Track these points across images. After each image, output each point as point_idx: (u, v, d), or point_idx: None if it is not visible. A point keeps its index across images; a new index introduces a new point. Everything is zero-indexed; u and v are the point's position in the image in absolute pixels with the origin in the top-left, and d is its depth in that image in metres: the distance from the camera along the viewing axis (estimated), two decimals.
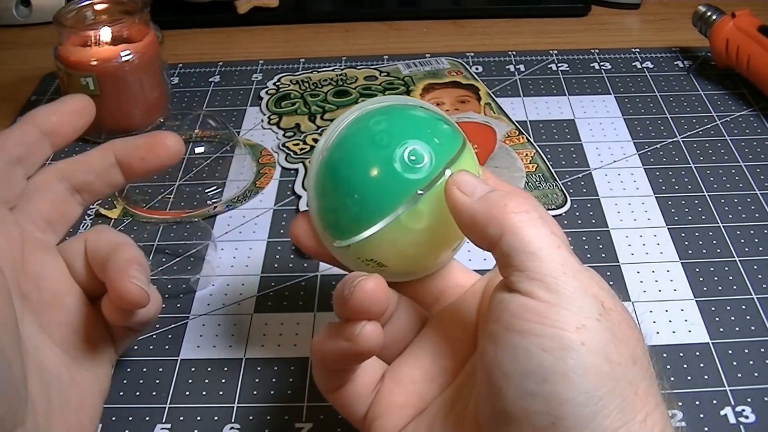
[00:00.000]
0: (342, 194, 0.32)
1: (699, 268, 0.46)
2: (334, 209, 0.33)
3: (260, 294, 0.46)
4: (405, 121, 0.33)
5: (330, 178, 0.33)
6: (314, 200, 0.34)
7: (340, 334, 0.30)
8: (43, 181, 0.38)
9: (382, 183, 0.31)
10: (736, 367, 0.40)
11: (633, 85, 0.63)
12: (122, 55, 0.56)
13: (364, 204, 0.32)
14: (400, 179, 0.31)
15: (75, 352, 0.36)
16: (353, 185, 0.32)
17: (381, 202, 0.31)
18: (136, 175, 0.39)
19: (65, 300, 0.36)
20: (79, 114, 0.39)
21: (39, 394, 0.33)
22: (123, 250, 0.36)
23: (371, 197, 0.31)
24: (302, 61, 0.68)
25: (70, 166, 0.39)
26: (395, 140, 0.32)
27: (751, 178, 0.53)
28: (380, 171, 0.31)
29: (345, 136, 0.33)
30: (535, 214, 0.29)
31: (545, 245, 0.28)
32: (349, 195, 0.32)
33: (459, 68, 0.66)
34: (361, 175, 0.32)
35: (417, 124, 0.33)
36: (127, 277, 0.35)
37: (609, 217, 0.50)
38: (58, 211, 0.38)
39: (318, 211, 0.34)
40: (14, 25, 0.76)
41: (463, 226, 0.30)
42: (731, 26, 0.61)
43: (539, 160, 0.54)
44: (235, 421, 0.39)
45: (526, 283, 0.28)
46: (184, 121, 0.56)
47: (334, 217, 0.33)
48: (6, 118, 0.63)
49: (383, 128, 0.32)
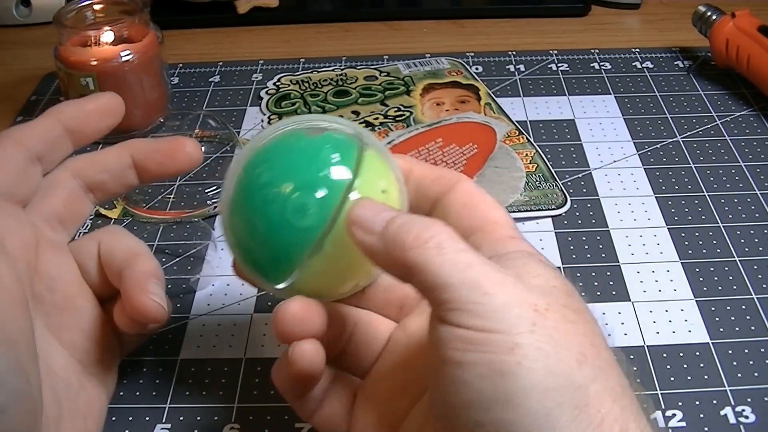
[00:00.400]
0: (254, 248, 0.32)
1: (699, 268, 0.46)
2: (253, 260, 0.32)
3: (260, 294, 0.46)
4: (285, 163, 0.32)
5: (240, 233, 0.32)
6: (236, 249, 0.33)
7: (283, 359, 0.31)
8: (57, 177, 0.37)
9: (282, 238, 0.31)
10: (736, 367, 0.40)
11: (633, 85, 0.63)
12: (122, 55, 0.56)
13: (275, 258, 0.31)
14: (296, 231, 0.31)
15: (84, 357, 0.36)
16: (258, 244, 0.32)
17: (288, 255, 0.31)
18: (151, 179, 0.39)
19: (76, 302, 0.36)
20: (108, 114, 0.38)
21: (50, 401, 0.32)
22: (141, 261, 0.36)
23: (278, 252, 0.31)
24: (302, 61, 0.68)
25: (85, 163, 0.38)
26: (280, 193, 0.31)
27: (751, 178, 0.53)
28: (276, 228, 0.31)
29: (237, 192, 0.32)
30: (439, 238, 0.27)
31: (455, 271, 0.26)
32: (259, 250, 0.32)
33: (459, 68, 0.66)
34: (261, 235, 0.31)
35: (298, 162, 0.32)
36: (147, 293, 0.34)
37: (609, 217, 0.50)
38: (70, 209, 0.37)
39: (243, 259, 0.33)
40: (14, 25, 0.76)
41: (378, 263, 0.29)
42: (731, 26, 0.61)
43: (539, 160, 0.55)
44: (235, 421, 0.39)
45: (450, 314, 0.26)
46: (184, 121, 0.56)
47: (255, 267, 0.32)
48: (6, 118, 0.63)
49: (266, 180, 0.31)
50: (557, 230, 0.49)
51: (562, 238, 0.49)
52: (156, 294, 0.34)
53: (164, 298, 0.35)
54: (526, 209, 0.50)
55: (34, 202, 0.36)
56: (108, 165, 0.38)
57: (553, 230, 0.49)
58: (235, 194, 0.32)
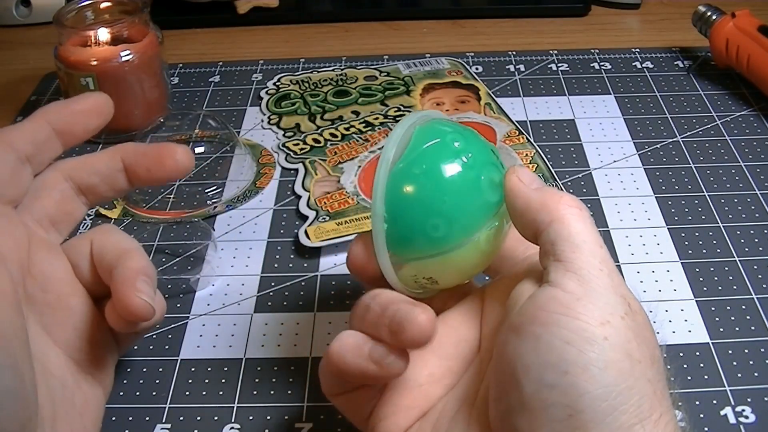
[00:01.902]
0: (426, 213, 0.31)
1: (699, 268, 0.46)
2: (411, 227, 0.31)
3: (260, 294, 0.46)
4: (476, 141, 0.33)
5: (413, 196, 0.31)
6: (382, 218, 0.32)
7: (370, 356, 0.30)
8: (49, 179, 0.37)
9: (472, 205, 0.32)
10: (736, 367, 0.40)
11: (633, 85, 0.63)
12: (122, 55, 0.56)
13: (452, 224, 0.31)
14: (486, 201, 0.32)
15: (79, 355, 0.36)
16: (441, 205, 0.31)
17: (468, 224, 0.32)
18: (141, 184, 0.39)
19: (70, 302, 0.36)
20: (95, 113, 0.38)
21: (45, 400, 0.32)
22: (131, 259, 0.35)
23: (459, 218, 0.31)
24: (302, 61, 0.68)
25: (76, 165, 0.38)
26: (477, 162, 0.32)
27: (751, 178, 0.53)
28: (470, 193, 0.32)
29: (423, 152, 0.32)
30: (586, 213, 0.30)
31: (589, 240, 0.29)
32: (435, 214, 0.31)
33: (459, 68, 0.66)
34: (451, 195, 0.31)
35: (483, 144, 0.33)
36: (134, 290, 0.34)
37: (609, 217, 0.50)
38: (62, 210, 0.37)
39: (388, 228, 0.32)
40: (14, 25, 0.76)
41: (517, 211, 0.31)
42: (731, 26, 0.61)
43: (539, 160, 0.54)
44: (235, 421, 0.39)
45: (561, 273, 0.28)
46: (184, 121, 0.56)
47: (410, 236, 0.32)
48: (6, 118, 0.63)
49: (463, 147, 0.32)
50: None
51: None
52: (144, 292, 0.34)
53: (153, 297, 0.35)
54: None
55: (25, 203, 0.36)
56: (99, 168, 0.38)
57: None
58: (414, 155, 0.32)
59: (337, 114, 0.60)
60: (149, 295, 0.34)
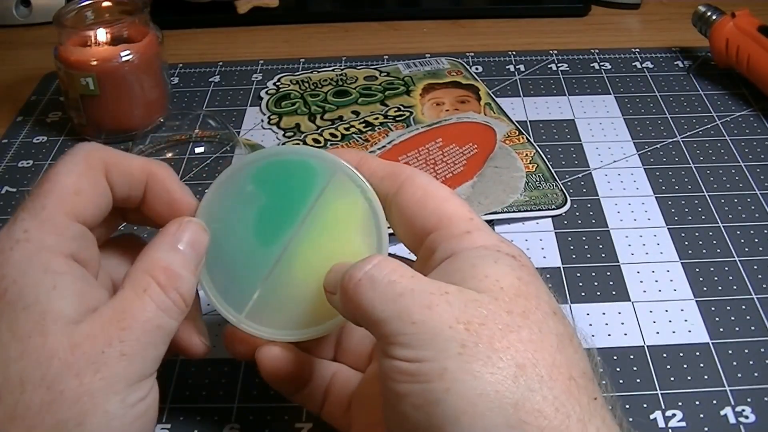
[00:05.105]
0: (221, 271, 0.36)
1: (699, 268, 0.46)
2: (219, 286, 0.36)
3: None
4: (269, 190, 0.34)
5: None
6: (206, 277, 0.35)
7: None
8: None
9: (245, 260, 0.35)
10: (736, 367, 0.40)
11: (633, 85, 0.63)
12: (122, 55, 0.56)
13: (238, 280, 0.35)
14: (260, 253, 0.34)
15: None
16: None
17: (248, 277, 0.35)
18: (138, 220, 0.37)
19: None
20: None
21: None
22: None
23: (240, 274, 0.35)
24: (302, 61, 0.68)
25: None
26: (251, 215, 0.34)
27: (751, 178, 0.53)
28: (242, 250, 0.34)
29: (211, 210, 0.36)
30: (371, 272, 0.28)
31: (386, 304, 0.27)
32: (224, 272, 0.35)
33: (459, 68, 0.66)
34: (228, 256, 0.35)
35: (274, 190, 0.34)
36: (198, 335, 0.35)
37: (609, 217, 0.50)
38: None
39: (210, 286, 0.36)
40: (14, 25, 0.76)
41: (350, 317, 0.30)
42: (731, 26, 0.61)
43: (539, 160, 0.55)
44: (235, 421, 0.39)
45: (388, 348, 0.27)
46: (184, 121, 0.56)
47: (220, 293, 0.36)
48: (6, 118, 0.63)
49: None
50: (557, 230, 0.49)
51: (562, 238, 0.49)
52: (205, 335, 0.35)
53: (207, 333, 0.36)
54: (526, 209, 0.50)
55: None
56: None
57: (553, 230, 0.49)
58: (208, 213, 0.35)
59: (337, 114, 0.60)
60: (206, 335, 0.35)
